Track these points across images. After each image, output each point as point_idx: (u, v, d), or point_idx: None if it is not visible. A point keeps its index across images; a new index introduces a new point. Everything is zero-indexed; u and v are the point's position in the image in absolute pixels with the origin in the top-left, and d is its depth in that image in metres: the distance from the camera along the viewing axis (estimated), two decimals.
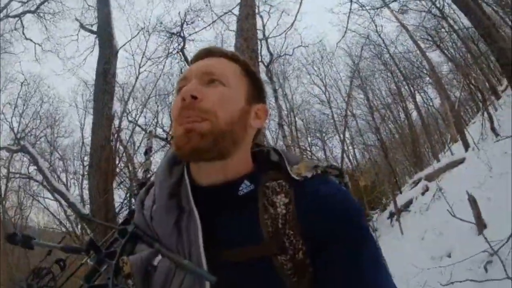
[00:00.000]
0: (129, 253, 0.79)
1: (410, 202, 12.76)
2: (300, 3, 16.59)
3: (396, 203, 12.95)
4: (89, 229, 8.38)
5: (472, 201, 6.30)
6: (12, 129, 17.78)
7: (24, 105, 19.46)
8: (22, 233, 0.84)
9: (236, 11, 8.83)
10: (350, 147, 23.95)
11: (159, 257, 0.78)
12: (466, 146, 13.22)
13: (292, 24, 17.89)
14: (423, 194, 11.97)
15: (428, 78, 20.85)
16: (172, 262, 0.75)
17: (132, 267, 0.75)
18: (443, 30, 18.32)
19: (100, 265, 0.77)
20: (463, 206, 6.36)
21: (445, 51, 19.03)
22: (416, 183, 14.32)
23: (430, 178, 12.79)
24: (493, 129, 11.20)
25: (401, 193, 16.03)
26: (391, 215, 13.23)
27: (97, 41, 9.42)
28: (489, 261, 4.82)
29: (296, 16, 17.37)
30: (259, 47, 17.93)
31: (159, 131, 18.74)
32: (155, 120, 19.12)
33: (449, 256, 6.52)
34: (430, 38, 19.08)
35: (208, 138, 0.76)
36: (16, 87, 20.67)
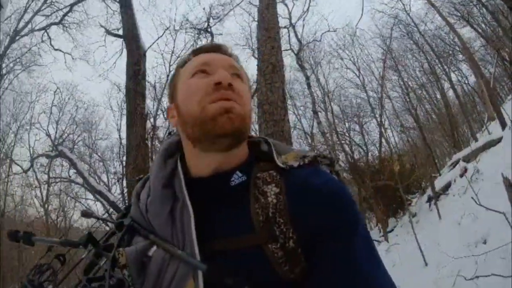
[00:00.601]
0: (126, 245, 0.82)
1: (448, 185, 12.36)
2: None
3: (433, 186, 12.60)
4: None
5: (508, 185, 6.04)
6: (49, 136, 18.71)
7: (59, 112, 20.46)
8: (24, 231, 0.90)
9: (256, 1, 8.77)
10: (389, 130, 23.45)
11: (154, 247, 0.80)
12: (503, 124, 12.61)
13: (307, 10, 17.68)
14: (461, 176, 11.55)
15: (461, 55, 20.02)
16: (167, 252, 0.77)
17: (127, 258, 0.77)
18: (471, 4, 17.50)
19: (98, 258, 0.80)
20: (500, 189, 6.13)
21: (475, 26, 18.15)
22: (454, 164, 13.85)
23: (468, 159, 12.36)
24: None
25: (440, 175, 15.57)
26: (429, 199, 12.89)
27: (124, 45, 9.66)
28: None
29: (309, 2, 17.05)
30: (287, 35, 17.97)
31: None
32: None
33: (485, 242, 6.33)
34: (458, 14, 18.27)
35: (244, 121, 0.81)
36: (49, 96, 21.63)
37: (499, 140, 11.17)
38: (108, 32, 11.96)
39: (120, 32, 10.37)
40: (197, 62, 0.87)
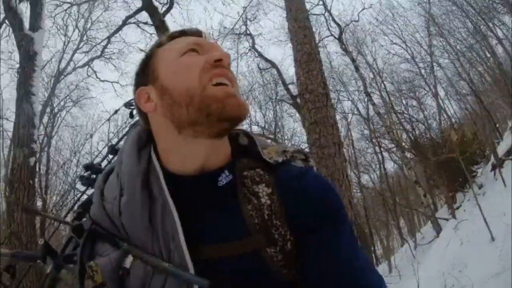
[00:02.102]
0: (88, 255, 0.71)
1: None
2: None
3: (496, 152, 11.82)
4: None
5: None
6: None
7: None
8: None
9: None
10: (447, 101, 22.31)
11: (131, 257, 0.69)
12: None
13: None
14: None
15: (502, 8, 18.61)
16: (148, 264, 0.68)
17: (103, 274, 0.67)
18: None
19: (58, 272, 0.72)
20: None
21: None
22: None
23: None
24: None
25: (502, 140, 14.55)
26: (494, 167, 12.10)
27: None
28: None
29: None
30: (326, 22, 17.70)
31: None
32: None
33: None
34: None
35: (247, 108, 0.76)
36: (105, 125, 22.83)
37: None
38: None
39: None
40: (187, 41, 0.80)
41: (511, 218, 6.15)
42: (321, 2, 17.46)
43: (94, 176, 0.93)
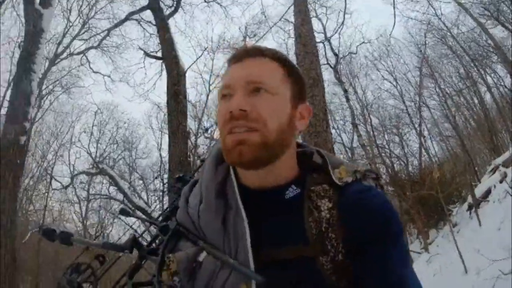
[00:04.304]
0: (170, 250, 0.81)
1: (488, 192, 11.90)
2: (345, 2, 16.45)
3: (473, 194, 12.17)
4: None
5: None
6: (89, 154, 19.45)
7: (100, 131, 21.25)
8: (61, 229, 0.87)
9: (292, 18, 9.04)
10: (428, 140, 22.89)
11: (204, 253, 0.80)
12: None
13: (342, 23, 17.67)
14: (501, 182, 11.12)
15: (495, 57, 19.38)
16: (218, 259, 0.77)
17: (178, 265, 0.78)
18: (499, 1, 16.93)
19: (142, 262, 0.80)
20: None
21: (506, 24, 17.56)
22: (494, 170, 13.33)
23: (507, 163, 11.87)
24: None
25: (480, 182, 14.98)
26: (470, 207, 12.44)
27: (163, 66, 9.99)
28: None
29: (344, 15, 17.08)
30: (323, 49, 18.08)
31: None
32: None
33: None
34: (488, 13, 17.75)
35: (259, 149, 0.79)
36: (90, 116, 22.62)
37: None
38: (147, 54, 12.28)
39: (159, 53, 10.63)
40: (222, 84, 0.87)
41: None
42: (322, 31, 17.90)
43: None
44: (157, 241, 0.88)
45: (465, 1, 17.41)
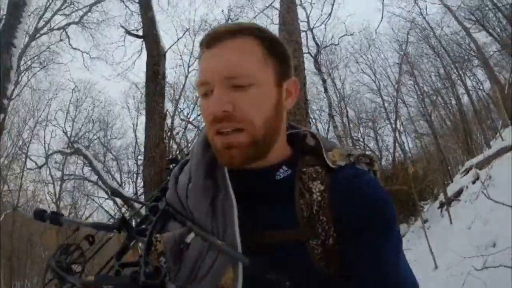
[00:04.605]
0: (159, 231, 0.80)
1: (460, 191, 12.28)
2: None
3: (446, 192, 12.56)
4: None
5: None
6: (65, 133, 19.08)
7: (76, 110, 20.88)
8: (52, 210, 0.83)
9: (277, 4, 8.97)
10: (403, 136, 23.36)
11: (192, 235, 0.78)
12: None
13: (330, 14, 17.71)
14: (473, 182, 11.49)
15: (476, 61, 19.84)
16: (205, 241, 0.76)
17: (165, 245, 0.77)
18: (487, 8, 17.34)
19: (131, 243, 0.78)
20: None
21: (491, 31, 18.03)
22: (467, 171, 13.76)
23: (480, 166, 12.26)
24: None
25: (452, 182, 15.45)
26: (441, 205, 12.84)
27: (143, 45, 9.69)
28: None
29: (332, 6, 17.09)
30: (305, 39, 18.07)
31: None
32: None
33: (494, 245, 6.34)
34: (474, 18, 18.12)
35: (250, 149, 0.78)
36: (67, 94, 22.13)
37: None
38: (128, 32, 12.02)
39: (140, 32, 10.40)
40: (199, 79, 0.82)
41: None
42: (305, 19, 17.87)
43: None
44: (146, 222, 0.85)
45: (451, 4, 17.71)
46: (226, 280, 0.73)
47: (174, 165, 1.03)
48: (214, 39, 0.81)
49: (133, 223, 0.84)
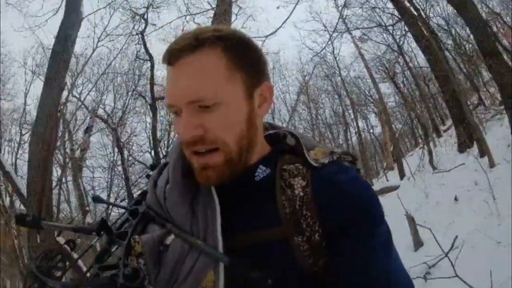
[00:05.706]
0: (140, 233, 0.78)
1: None
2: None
3: None
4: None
5: (410, 219, 6.76)
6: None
7: None
8: (33, 214, 0.82)
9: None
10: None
11: (172, 236, 0.77)
12: (402, 175, 14.41)
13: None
14: None
15: (373, 107, 22.05)
16: (186, 242, 0.74)
17: (144, 247, 0.74)
18: (397, 64, 19.54)
19: (111, 246, 0.77)
20: (399, 229, 6.73)
21: (396, 84, 20.32)
22: None
23: None
24: (431, 162, 12.19)
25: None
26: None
27: (63, 4, 8.81)
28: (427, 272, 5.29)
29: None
30: None
31: (101, 111, 18.22)
32: (100, 99, 18.54)
33: None
34: (385, 70, 20.29)
35: (225, 168, 0.77)
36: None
37: (395, 187, 12.46)
38: None
39: None
40: (167, 101, 0.80)
41: None
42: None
43: None
44: (126, 225, 0.83)
45: (365, 54, 19.47)
46: (206, 283, 0.71)
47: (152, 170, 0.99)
48: (174, 56, 0.76)
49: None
